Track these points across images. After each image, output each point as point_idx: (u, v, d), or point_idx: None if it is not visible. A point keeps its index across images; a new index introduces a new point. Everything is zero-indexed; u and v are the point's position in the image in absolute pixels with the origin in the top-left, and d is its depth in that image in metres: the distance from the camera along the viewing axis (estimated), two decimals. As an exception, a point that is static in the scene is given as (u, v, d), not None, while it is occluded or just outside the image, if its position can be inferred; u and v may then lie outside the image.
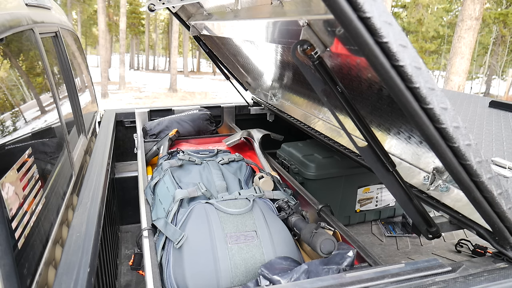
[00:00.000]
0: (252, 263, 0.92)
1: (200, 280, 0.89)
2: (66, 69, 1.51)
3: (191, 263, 0.91)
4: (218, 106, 2.47)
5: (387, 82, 0.53)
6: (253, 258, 0.93)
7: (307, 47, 0.71)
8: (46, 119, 1.06)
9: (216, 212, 1.01)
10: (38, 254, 0.77)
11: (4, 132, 0.75)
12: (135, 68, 30.58)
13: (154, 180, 1.25)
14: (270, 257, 0.93)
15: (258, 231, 0.98)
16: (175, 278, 0.92)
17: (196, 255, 0.93)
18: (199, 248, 0.94)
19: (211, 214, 1.00)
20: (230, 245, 0.94)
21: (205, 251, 0.93)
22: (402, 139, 0.94)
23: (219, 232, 0.96)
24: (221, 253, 0.92)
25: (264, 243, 0.95)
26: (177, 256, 0.94)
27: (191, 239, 0.95)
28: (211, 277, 0.89)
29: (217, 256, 0.92)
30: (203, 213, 1.02)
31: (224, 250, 0.93)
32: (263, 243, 0.95)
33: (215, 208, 1.03)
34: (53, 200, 0.95)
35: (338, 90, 0.77)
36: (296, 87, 1.56)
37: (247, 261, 0.92)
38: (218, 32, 1.43)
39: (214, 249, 0.93)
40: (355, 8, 0.48)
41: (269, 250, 0.94)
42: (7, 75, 0.85)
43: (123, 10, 14.53)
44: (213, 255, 0.92)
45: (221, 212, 1.01)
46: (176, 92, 14.92)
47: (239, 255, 0.93)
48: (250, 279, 0.90)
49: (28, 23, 1.03)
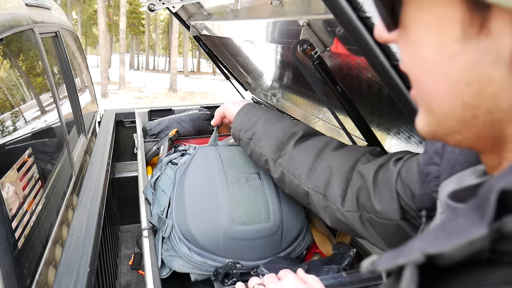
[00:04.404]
0: (254, 203, 0.89)
1: (201, 220, 0.87)
2: (66, 69, 1.51)
3: (192, 205, 0.90)
4: (218, 106, 2.47)
5: (387, 82, 0.53)
6: (256, 199, 0.90)
7: (307, 47, 0.71)
8: (46, 119, 1.06)
9: (218, 155, 1.00)
10: (38, 254, 0.77)
11: (4, 132, 0.75)
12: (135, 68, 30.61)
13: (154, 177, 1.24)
14: (274, 201, 0.91)
15: (261, 174, 0.96)
16: (177, 222, 0.90)
17: (197, 196, 0.91)
18: (200, 189, 0.92)
19: (213, 156, 0.99)
20: (231, 185, 0.91)
21: (206, 191, 0.91)
22: (402, 139, 0.94)
23: (220, 172, 0.94)
24: (222, 192, 0.89)
25: (267, 186, 0.93)
26: (179, 201, 0.93)
27: (192, 181, 0.94)
28: (212, 217, 0.87)
29: (218, 196, 0.89)
30: (205, 155, 1.00)
31: (225, 190, 0.90)
32: (266, 185, 0.93)
33: (218, 152, 1.01)
34: (53, 200, 0.95)
35: (338, 90, 0.77)
36: (296, 87, 1.56)
37: (249, 201, 0.89)
38: (218, 32, 1.43)
39: (215, 189, 0.91)
40: (355, 8, 0.48)
41: (272, 194, 0.92)
42: (7, 75, 0.85)
43: (123, 10, 14.54)
44: (214, 195, 0.90)
45: (224, 155, 1.00)
46: (176, 92, 14.93)
47: (241, 195, 0.90)
48: (252, 220, 0.87)
49: (28, 23, 1.03)
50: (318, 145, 0.74)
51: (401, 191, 0.54)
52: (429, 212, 0.44)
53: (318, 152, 0.73)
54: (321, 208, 0.70)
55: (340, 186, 0.66)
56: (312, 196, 0.71)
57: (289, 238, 0.92)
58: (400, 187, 0.54)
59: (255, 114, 0.85)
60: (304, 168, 0.72)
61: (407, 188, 0.53)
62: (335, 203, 0.66)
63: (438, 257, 0.22)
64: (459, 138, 0.26)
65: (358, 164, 0.66)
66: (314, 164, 0.72)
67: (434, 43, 0.23)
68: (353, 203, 0.64)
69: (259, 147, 0.81)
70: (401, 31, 0.25)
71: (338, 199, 0.66)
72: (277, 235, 0.89)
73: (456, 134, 0.26)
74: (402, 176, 0.55)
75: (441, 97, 0.24)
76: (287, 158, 0.76)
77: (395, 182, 0.55)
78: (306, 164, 0.72)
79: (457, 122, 0.25)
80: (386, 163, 0.60)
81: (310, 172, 0.72)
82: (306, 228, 0.98)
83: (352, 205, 0.64)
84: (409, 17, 0.24)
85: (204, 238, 0.86)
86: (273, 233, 0.88)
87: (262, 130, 0.81)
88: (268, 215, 0.88)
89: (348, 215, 0.64)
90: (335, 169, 0.68)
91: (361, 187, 0.63)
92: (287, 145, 0.77)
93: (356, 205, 0.63)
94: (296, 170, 0.74)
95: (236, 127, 0.87)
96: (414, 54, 0.25)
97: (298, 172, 0.73)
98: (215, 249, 0.86)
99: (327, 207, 0.68)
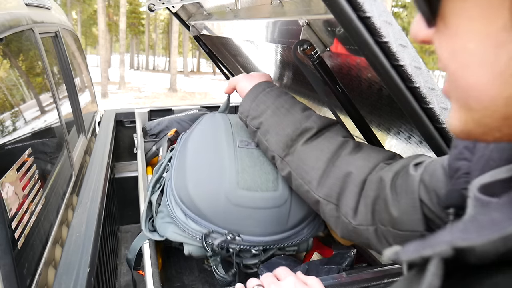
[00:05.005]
0: (263, 169, 0.81)
1: (202, 182, 0.79)
2: (66, 69, 1.51)
3: (194, 166, 0.82)
4: (218, 106, 2.46)
5: (387, 82, 0.53)
6: (264, 164, 0.81)
7: (307, 47, 0.71)
8: (46, 119, 1.06)
9: (228, 120, 0.91)
10: (38, 254, 0.77)
11: (4, 132, 0.75)
12: (135, 68, 30.61)
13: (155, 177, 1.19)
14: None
15: None
16: (176, 184, 0.82)
17: (199, 157, 0.83)
18: (203, 150, 0.84)
19: (222, 120, 0.91)
20: (239, 148, 0.83)
21: (210, 153, 0.83)
22: (402, 139, 0.94)
23: (228, 135, 0.85)
24: (228, 154, 0.81)
25: None
26: (180, 162, 0.85)
27: (196, 143, 0.86)
28: (214, 179, 0.78)
29: (223, 158, 0.80)
30: (213, 119, 0.92)
31: (231, 152, 0.81)
32: None
33: (228, 117, 0.93)
34: (53, 200, 0.95)
35: (338, 90, 0.77)
36: (296, 87, 1.56)
37: (256, 165, 0.81)
38: (218, 32, 1.43)
39: (220, 150, 0.82)
40: (355, 8, 0.48)
41: None
42: (7, 75, 0.85)
43: (123, 10, 14.54)
44: (219, 156, 0.81)
45: (234, 120, 0.91)
46: (176, 92, 14.93)
47: (248, 158, 0.81)
48: (258, 186, 0.79)
49: (28, 23, 1.03)
50: (331, 147, 0.66)
51: (425, 198, 0.50)
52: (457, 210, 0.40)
53: (332, 156, 0.65)
54: (333, 218, 0.64)
55: (354, 197, 0.60)
56: (323, 205, 0.65)
57: (297, 216, 0.82)
58: (424, 193, 0.50)
59: (264, 100, 0.76)
60: (315, 174, 0.65)
61: (432, 194, 0.49)
62: (346, 216, 0.61)
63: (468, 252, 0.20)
64: (497, 136, 0.24)
65: (372, 173, 0.60)
66: (327, 170, 0.64)
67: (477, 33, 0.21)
68: (367, 215, 0.58)
69: (266, 140, 0.74)
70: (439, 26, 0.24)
71: (350, 212, 0.60)
72: (284, 208, 0.80)
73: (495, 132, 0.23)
74: (426, 181, 0.50)
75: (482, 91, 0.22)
76: (296, 158, 0.69)
77: (418, 188, 0.51)
78: (318, 169, 0.65)
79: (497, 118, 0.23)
80: (404, 169, 0.55)
81: (322, 179, 0.64)
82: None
83: (366, 218, 0.58)
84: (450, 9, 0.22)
85: (203, 201, 0.78)
86: (280, 205, 0.79)
87: (270, 122, 0.73)
88: (276, 183, 0.80)
89: (362, 229, 0.59)
90: (350, 177, 0.62)
91: (377, 197, 0.57)
92: (296, 142, 0.70)
93: (371, 217, 0.58)
94: (306, 175, 0.67)
95: (243, 112, 0.79)
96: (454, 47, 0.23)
97: (308, 177, 0.66)
98: (214, 216, 0.78)
99: (339, 218, 0.63)
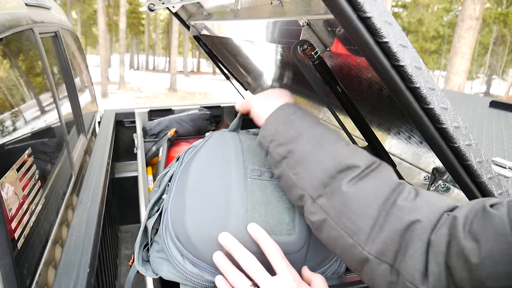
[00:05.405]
0: (277, 207, 0.65)
1: (203, 218, 0.64)
2: (66, 69, 1.51)
3: (195, 196, 0.67)
4: (218, 106, 2.47)
5: (387, 82, 0.53)
6: (280, 201, 0.66)
7: (307, 47, 0.71)
8: (46, 119, 1.06)
9: (239, 141, 0.76)
10: (37, 254, 0.77)
11: (4, 132, 0.75)
12: (135, 68, 30.62)
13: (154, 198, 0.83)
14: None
15: None
16: (172, 217, 0.67)
17: (202, 186, 0.68)
18: (208, 177, 0.69)
19: (232, 141, 0.75)
20: (250, 179, 0.67)
21: (215, 181, 0.67)
22: (402, 139, 0.94)
23: (238, 162, 0.70)
24: (237, 186, 0.66)
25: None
26: (179, 189, 0.70)
27: (200, 167, 0.71)
28: (218, 215, 0.64)
29: (230, 189, 0.65)
30: (222, 139, 0.77)
31: (241, 183, 0.66)
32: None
33: (239, 138, 0.77)
34: (53, 200, 0.95)
35: (338, 90, 0.77)
36: (296, 87, 1.56)
37: (270, 203, 0.65)
38: (218, 32, 1.43)
39: (228, 180, 0.67)
40: (355, 8, 0.48)
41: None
42: (6, 75, 0.85)
43: (123, 10, 14.54)
44: (225, 187, 0.66)
45: (246, 143, 0.75)
46: (176, 92, 14.93)
47: (261, 193, 0.66)
48: (271, 229, 0.63)
49: (27, 23, 1.03)
50: (384, 189, 0.52)
51: None
52: None
53: (385, 201, 0.50)
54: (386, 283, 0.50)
55: (421, 256, 0.47)
56: (374, 264, 0.50)
57: (316, 260, 0.69)
58: None
59: (297, 125, 0.60)
60: (364, 224, 0.50)
61: None
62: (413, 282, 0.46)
63: None
64: None
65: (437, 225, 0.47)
66: (379, 219, 0.50)
67: None
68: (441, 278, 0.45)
69: (295, 174, 0.58)
70: None
71: (418, 275, 0.46)
72: (299, 253, 0.66)
73: None
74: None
75: None
76: (336, 202, 0.53)
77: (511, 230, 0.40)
78: (367, 217, 0.50)
79: None
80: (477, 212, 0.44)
81: (373, 231, 0.50)
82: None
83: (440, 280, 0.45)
84: None
85: (203, 243, 0.63)
86: (295, 251, 0.65)
87: (304, 152, 0.57)
88: (292, 226, 0.65)
89: None
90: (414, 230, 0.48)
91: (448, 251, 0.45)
92: (336, 181, 0.54)
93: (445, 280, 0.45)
94: (351, 225, 0.51)
95: (266, 135, 0.62)
96: None
97: (353, 228, 0.51)
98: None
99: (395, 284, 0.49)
